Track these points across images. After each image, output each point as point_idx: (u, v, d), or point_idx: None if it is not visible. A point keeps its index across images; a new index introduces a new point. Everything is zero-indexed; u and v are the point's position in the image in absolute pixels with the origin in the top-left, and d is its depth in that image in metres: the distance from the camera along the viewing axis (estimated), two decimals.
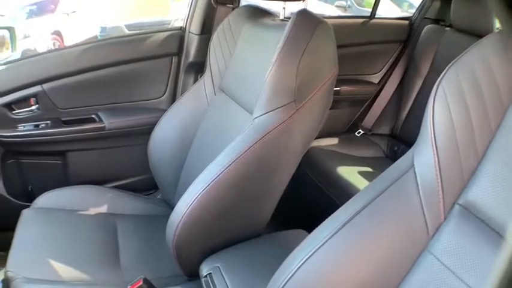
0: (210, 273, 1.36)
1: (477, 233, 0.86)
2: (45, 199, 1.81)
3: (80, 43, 2.25)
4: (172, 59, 2.23)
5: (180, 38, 2.23)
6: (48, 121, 2.03)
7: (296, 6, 1.56)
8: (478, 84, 0.89)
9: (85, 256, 1.57)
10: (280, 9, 1.73)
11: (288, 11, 1.72)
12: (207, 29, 2.15)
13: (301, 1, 1.70)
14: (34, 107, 2.02)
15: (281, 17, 1.72)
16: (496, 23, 2.17)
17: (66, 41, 6.81)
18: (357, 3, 8.90)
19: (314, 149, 2.46)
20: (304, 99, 1.40)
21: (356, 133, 2.76)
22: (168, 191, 1.90)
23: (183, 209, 1.36)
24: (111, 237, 1.69)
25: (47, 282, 1.41)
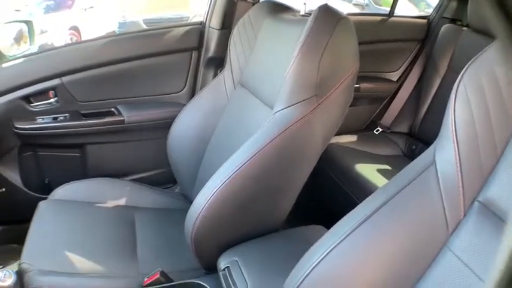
0: (228, 266, 1.35)
1: (495, 230, 0.85)
2: (63, 191, 1.82)
3: (99, 37, 2.26)
4: (192, 54, 2.23)
5: (200, 32, 2.23)
6: (67, 114, 2.04)
7: (315, 3, 1.56)
8: (497, 82, 0.89)
9: (102, 248, 1.57)
10: (299, 5, 1.73)
11: (307, 7, 1.72)
12: (227, 24, 2.15)
13: None
14: (53, 100, 2.02)
15: (302, 13, 1.72)
16: None
17: (83, 37, 6.86)
18: (374, 2, 8.86)
19: (333, 146, 2.45)
20: (326, 94, 1.39)
21: (375, 131, 2.75)
22: (187, 185, 1.91)
23: (202, 202, 1.36)
24: (128, 230, 1.70)
25: (61, 274, 1.41)
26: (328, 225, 1.03)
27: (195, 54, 2.24)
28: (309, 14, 1.55)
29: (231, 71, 1.86)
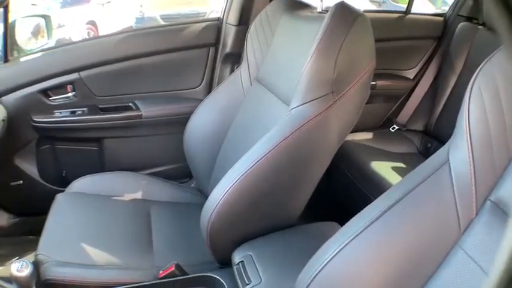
0: (243, 261, 1.37)
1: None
2: (80, 184, 1.84)
3: (117, 32, 2.28)
4: (209, 50, 2.24)
5: (217, 28, 2.24)
6: (85, 108, 2.06)
7: (333, 0, 1.56)
8: (511, 80, 0.89)
9: (117, 241, 1.59)
10: (316, 2, 1.73)
11: (324, 4, 1.72)
12: (244, 20, 2.16)
13: None
14: (71, 94, 2.05)
15: (319, 10, 1.72)
16: None
17: (100, 31, 6.88)
18: None
19: (348, 143, 2.45)
20: (342, 92, 1.40)
21: (390, 128, 2.74)
22: (202, 180, 1.91)
23: (218, 197, 1.37)
24: (144, 223, 1.71)
25: (77, 265, 1.43)
26: (342, 222, 1.04)
27: (212, 50, 2.25)
28: (326, 11, 1.55)
29: (247, 67, 1.87)
